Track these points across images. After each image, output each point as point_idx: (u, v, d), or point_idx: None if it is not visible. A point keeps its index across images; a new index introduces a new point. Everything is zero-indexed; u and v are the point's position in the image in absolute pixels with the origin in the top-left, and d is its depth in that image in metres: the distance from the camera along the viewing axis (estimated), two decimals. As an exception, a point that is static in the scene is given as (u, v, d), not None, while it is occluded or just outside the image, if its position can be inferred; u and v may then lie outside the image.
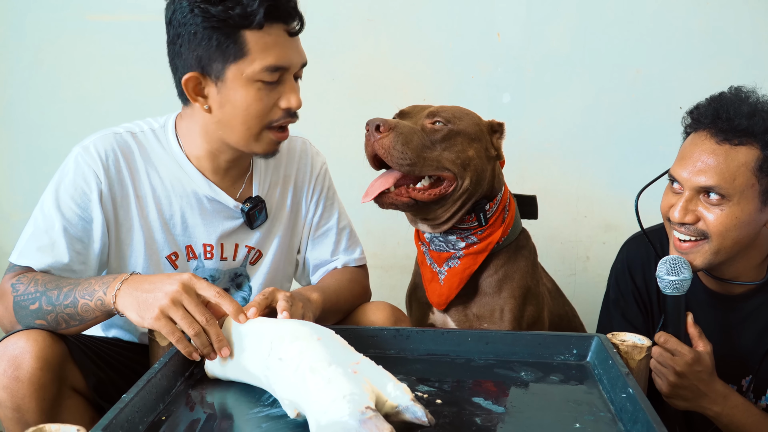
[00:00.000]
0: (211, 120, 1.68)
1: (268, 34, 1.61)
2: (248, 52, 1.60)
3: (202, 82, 1.64)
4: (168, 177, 1.76)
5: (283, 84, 1.66)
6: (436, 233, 1.88)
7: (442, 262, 1.89)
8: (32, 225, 1.67)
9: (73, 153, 1.71)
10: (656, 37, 2.80)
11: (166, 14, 1.64)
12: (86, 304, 1.51)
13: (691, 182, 1.66)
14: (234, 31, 1.58)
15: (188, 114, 1.73)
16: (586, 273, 2.95)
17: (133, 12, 2.85)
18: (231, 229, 1.82)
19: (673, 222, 1.70)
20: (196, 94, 1.65)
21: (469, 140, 1.81)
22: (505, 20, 2.83)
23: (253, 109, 1.64)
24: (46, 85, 2.91)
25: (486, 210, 1.85)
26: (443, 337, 1.62)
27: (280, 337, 1.34)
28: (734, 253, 1.70)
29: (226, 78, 1.62)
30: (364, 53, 2.88)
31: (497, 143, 1.89)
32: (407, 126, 1.77)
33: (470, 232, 1.86)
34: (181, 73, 1.64)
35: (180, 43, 1.62)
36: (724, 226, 1.65)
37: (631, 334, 1.56)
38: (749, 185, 1.64)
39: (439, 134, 1.78)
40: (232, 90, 1.63)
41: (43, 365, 1.47)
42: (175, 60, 1.66)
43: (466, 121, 1.83)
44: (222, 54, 1.60)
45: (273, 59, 1.62)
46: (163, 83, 1.80)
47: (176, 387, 1.42)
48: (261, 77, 1.62)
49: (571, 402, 1.39)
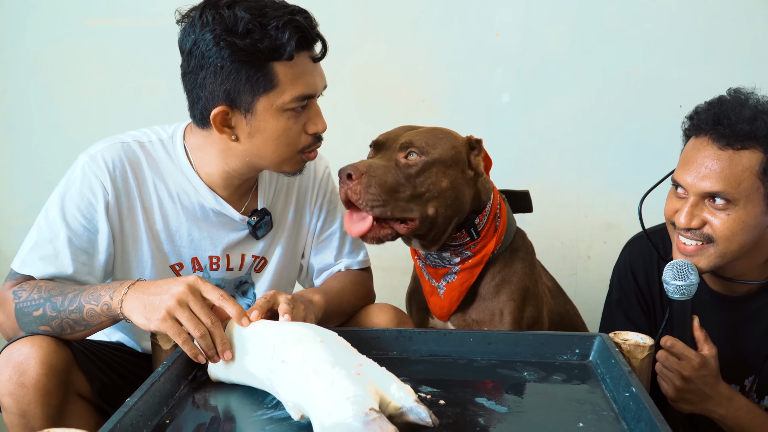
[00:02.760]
0: (238, 148, 1.67)
1: (296, 64, 1.60)
2: (278, 83, 1.59)
3: (230, 113, 1.62)
4: (175, 189, 1.75)
5: (308, 109, 1.67)
6: (430, 252, 1.88)
7: (439, 278, 1.88)
8: (36, 233, 1.65)
9: (80, 162, 1.69)
10: (655, 37, 2.80)
11: (184, 43, 1.61)
12: (92, 309, 1.51)
13: (696, 187, 1.66)
14: (263, 64, 1.57)
15: (203, 135, 1.70)
16: (587, 272, 2.95)
17: (132, 16, 2.84)
18: (237, 241, 1.82)
19: (679, 227, 1.70)
20: (223, 126, 1.63)
21: (445, 168, 1.77)
22: (504, 20, 2.83)
23: (284, 138, 1.64)
24: (46, 90, 2.90)
25: (476, 224, 1.83)
26: (446, 338, 1.63)
27: (282, 340, 1.35)
28: (739, 256, 1.70)
29: (256, 110, 1.61)
30: (362, 55, 2.88)
31: (475, 161, 1.84)
32: (380, 167, 1.72)
33: (464, 248, 1.84)
34: (206, 104, 1.62)
35: (204, 75, 1.59)
36: (730, 231, 1.65)
37: (634, 333, 1.56)
38: (754, 189, 1.64)
39: (414, 169, 1.73)
40: (263, 121, 1.62)
41: (48, 371, 1.48)
42: (196, 90, 1.62)
43: (441, 146, 1.78)
44: (251, 87, 1.58)
45: (303, 89, 1.62)
46: (163, 89, 1.80)
47: (180, 390, 1.43)
48: (291, 107, 1.62)
49: (574, 401, 1.39)
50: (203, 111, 1.63)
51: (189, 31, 1.60)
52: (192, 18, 1.60)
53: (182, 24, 1.62)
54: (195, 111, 1.66)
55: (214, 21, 1.55)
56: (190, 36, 1.59)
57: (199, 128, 1.69)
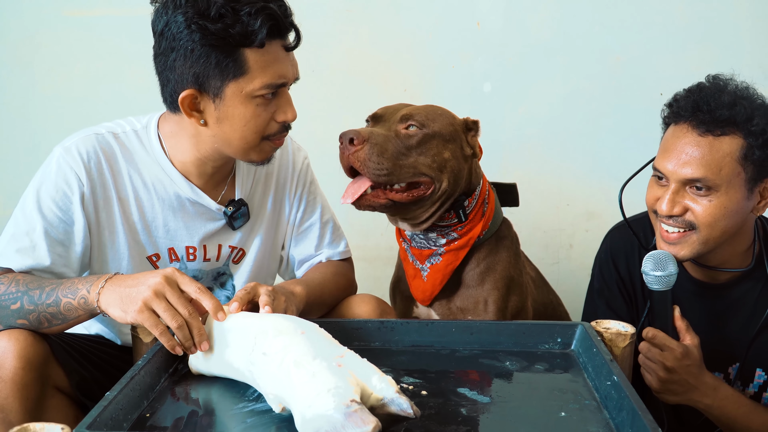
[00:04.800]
0: (207, 133, 1.66)
1: (267, 52, 1.59)
2: (248, 70, 1.58)
3: (198, 97, 1.61)
4: (150, 179, 1.74)
5: (278, 97, 1.66)
6: (417, 231, 1.87)
7: (424, 259, 1.89)
8: (12, 226, 1.64)
9: (55, 154, 1.68)
10: (635, 24, 2.80)
11: (156, 24, 1.60)
12: (69, 302, 1.50)
13: (677, 174, 1.66)
14: (234, 50, 1.56)
15: (175, 120, 1.70)
16: (569, 261, 2.96)
17: (110, 6, 2.82)
18: (213, 231, 1.81)
19: (661, 215, 1.70)
20: (191, 110, 1.62)
21: (444, 142, 1.80)
22: (485, 9, 2.82)
23: (252, 124, 1.63)
24: (24, 82, 2.88)
25: (465, 206, 1.84)
26: (427, 329, 1.62)
27: (263, 332, 1.34)
28: (722, 242, 1.70)
29: (224, 95, 1.60)
30: (343, 44, 2.87)
31: (472, 141, 1.87)
32: (381, 135, 1.75)
33: (450, 229, 1.85)
34: (175, 87, 1.61)
35: (174, 57, 1.58)
36: (712, 217, 1.65)
37: (615, 322, 1.56)
38: (735, 174, 1.64)
39: (414, 139, 1.77)
40: (231, 107, 1.61)
41: (25, 364, 1.46)
42: (166, 72, 1.62)
43: (440, 122, 1.81)
44: (221, 72, 1.57)
45: (273, 76, 1.61)
46: (142, 79, 1.78)
47: (160, 383, 1.41)
48: (260, 93, 1.61)
49: (556, 391, 1.39)
50: (172, 94, 1.63)
51: (162, 12, 1.59)
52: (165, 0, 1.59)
53: (155, 5, 1.62)
54: (165, 93, 1.66)
55: (187, 3, 1.54)
56: (163, 17, 1.58)
57: (172, 113, 1.69)
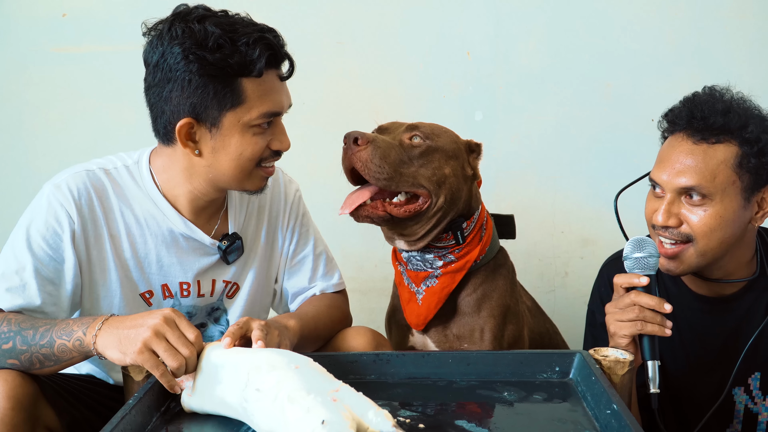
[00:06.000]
0: (201, 163, 1.66)
1: (264, 81, 1.61)
2: (246, 99, 1.59)
3: (194, 127, 1.61)
4: (142, 215, 1.73)
5: (273, 126, 1.67)
6: (413, 251, 1.86)
7: (419, 282, 1.87)
8: (2, 264, 1.62)
9: (45, 191, 1.67)
10: (624, 51, 2.82)
11: (150, 56, 1.60)
12: (63, 344, 1.47)
13: (672, 184, 1.66)
14: (232, 80, 1.57)
15: (167, 154, 1.69)
16: (565, 289, 2.95)
17: (97, 43, 2.83)
18: (207, 266, 1.80)
19: (657, 227, 1.70)
20: (187, 140, 1.62)
21: (446, 158, 1.81)
22: (475, 39, 2.84)
23: (248, 153, 1.64)
24: (12, 119, 2.88)
25: (463, 228, 1.84)
26: (424, 360, 1.60)
27: (256, 368, 1.32)
28: (721, 254, 1.70)
29: (222, 125, 1.60)
30: (334, 76, 2.88)
31: (474, 163, 1.89)
32: (385, 140, 1.77)
33: (447, 251, 1.85)
34: (170, 118, 1.61)
35: (170, 88, 1.58)
36: (708, 227, 1.65)
37: (613, 349, 1.54)
38: (730, 182, 1.64)
39: (417, 150, 1.78)
40: (228, 136, 1.62)
41: (15, 405, 1.44)
42: (160, 103, 1.61)
43: (444, 138, 1.83)
44: (219, 101, 1.58)
45: (270, 105, 1.62)
46: (129, 115, 1.78)
47: (152, 422, 1.39)
48: (257, 123, 1.62)
49: (555, 420, 1.37)
50: (167, 125, 1.62)
51: (156, 44, 1.59)
52: (160, 31, 1.59)
53: (148, 37, 1.61)
54: (158, 125, 1.65)
55: (184, 34, 1.55)
56: (158, 48, 1.58)
57: (164, 145, 1.68)
